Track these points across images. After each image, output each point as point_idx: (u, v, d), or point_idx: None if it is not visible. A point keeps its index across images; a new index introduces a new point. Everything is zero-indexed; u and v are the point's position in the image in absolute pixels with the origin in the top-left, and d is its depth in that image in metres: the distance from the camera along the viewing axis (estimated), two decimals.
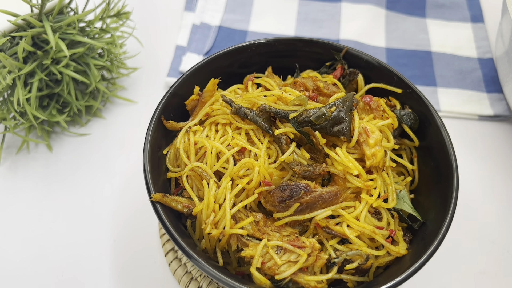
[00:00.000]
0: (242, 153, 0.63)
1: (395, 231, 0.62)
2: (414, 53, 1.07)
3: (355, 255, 0.59)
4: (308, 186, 0.59)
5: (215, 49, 1.06)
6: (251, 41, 0.75)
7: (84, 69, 0.85)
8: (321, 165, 0.62)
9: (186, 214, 0.62)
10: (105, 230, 0.79)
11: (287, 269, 0.56)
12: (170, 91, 0.69)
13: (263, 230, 0.60)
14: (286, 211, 0.60)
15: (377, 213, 0.63)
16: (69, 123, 0.92)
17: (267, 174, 0.61)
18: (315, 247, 0.57)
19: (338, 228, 0.60)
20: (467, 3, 1.17)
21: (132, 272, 0.75)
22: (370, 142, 0.61)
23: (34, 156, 0.88)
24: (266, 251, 0.57)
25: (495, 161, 0.90)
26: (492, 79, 1.02)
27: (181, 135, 0.68)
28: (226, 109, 0.67)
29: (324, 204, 0.60)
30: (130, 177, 0.85)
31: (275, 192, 0.60)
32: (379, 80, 0.74)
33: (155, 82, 1.00)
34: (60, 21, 0.81)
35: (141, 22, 1.06)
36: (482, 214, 0.83)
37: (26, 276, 0.74)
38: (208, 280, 0.72)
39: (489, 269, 0.77)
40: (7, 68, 0.76)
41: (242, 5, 1.15)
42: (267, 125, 0.63)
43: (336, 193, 0.60)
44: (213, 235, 0.58)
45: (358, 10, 1.14)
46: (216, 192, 0.61)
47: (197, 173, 0.63)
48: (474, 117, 0.97)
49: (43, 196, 0.83)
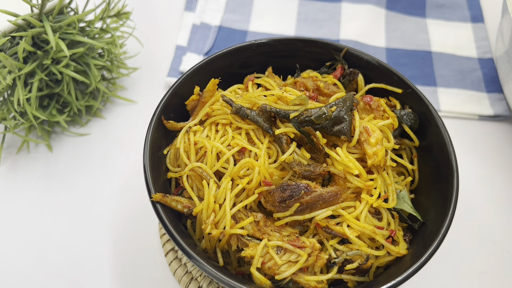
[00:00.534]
0: (242, 153, 0.63)
1: (395, 231, 0.62)
2: (414, 53, 1.07)
3: (355, 255, 0.59)
4: (308, 186, 0.59)
5: (215, 49, 1.06)
6: (251, 41, 0.75)
7: (84, 69, 0.85)
8: (322, 165, 0.62)
9: (186, 214, 0.62)
10: (105, 230, 0.79)
11: (287, 269, 0.56)
12: (170, 91, 0.69)
13: (263, 230, 0.60)
14: (286, 211, 0.60)
15: (377, 213, 0.63)
16: (69, 123, 0.92)
17: (267, 174, 0.61)
18: (315, 247, 0.58)
19: (338, 228, 0.60)
20: (467, 3, 1.17)
21: (132, 272, 0.75)
22: (371, 141, 0.61)
23: (34, 156, 0.88)
24: (266, 251, 0.57)
25: (495, 161, 0.91)
26: (492, 79, 1.02)
27: (181, 135, 0.68)
28: (226, 109, 0.67)
29: (324, 204, 0.60)
30: (130, 177, 0.86)
31: (275, 192, 0.60)
32: (379, 80, 0.74)
33: (155, 82, 1.00)
34: (60, 21, 0.81)
35: (141, 22, 1.06)
36: (482, 214, 0.83)
37: (26, 276, 0.74)
38: (208, 280, 0.72)
39: (489, 269, 0.77)
40: (7, 68, 0.76)
41: (242, 5, 1.15)
42: (267, 125, 0.63)
43: (336, 193, 0.60)
44: (213, 235, 0.58)
45: (358, 10, 1.14)
46: (216, 192, 0.61)
47: (197, 173, 0.63)
48: (474, 117, 0.97)
49: (43, 196, 0.83)
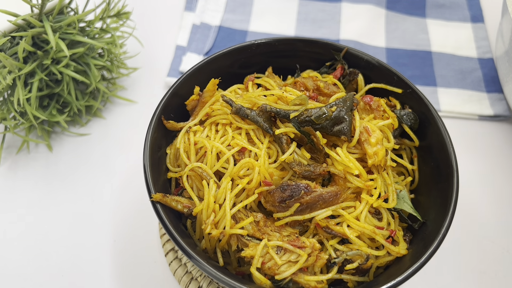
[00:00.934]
0: (243, 153, 0.63)
1: (395, 231, 0.62)
2: (414, 53, 1.07)
3: (355, 255, 0.59)
4: (308, 186, 0.59)
5: (215, 49, 1.06)
6: (251, 41, 0.75)
7: (84, 69, 0.85)
8: (322, 165, 0.62)
9: (186, 214, 0.62)
10: (105, 230, 0.79)
11: (287, 269, 0.56)
12: (170, 91, 0.69)
13: (263, 230, 0.60)
14: (286, 211, 0.60)
15: (378, 213, 0.63)
16: (69, 123, 0.92)
17: (267, 174, 0.61)
18: (315, 247, 0.58)
19: (338, 228, 0.60)
20: (467, 3, 1.17)
21: (132, 272, 0.75)
22: (372, 141, 0.61)
23: (34, 156, 0.88)
24: (266, 251, 0.57)
25: (495, 161, 0.90)
26: (492, 79, 1.02)
27: (181, 135, 0.68)
28: (227, 109, 0.67)
29: (324, 204, 0.60)
30: (130, 177, 0.85)
31: (275, 192, 0.60)
32: (379, 80, 0.74)
33: (155, 82, 1.00)
34: (60, 21, 0.81)
35: (141, 22, 1.06)
36: (482, 214, 0.83)
37: (26, 276, 0.74)
38: (208, 280, 0.72)
39: (489, 269, 0.77)
40: (7, 68, 0.76)
41: (242, 5, 1.15)
42: (267, 125, 0.63)
43: (336, 193, 0.60)
44: (213, 235, 0.58)
45: (358, 10, 1.14)
46: (216, 192, 0.61)
47: (197, 173, 0.63)
48: (474, 117, 0.97)
49: (43, 196, 0.83)
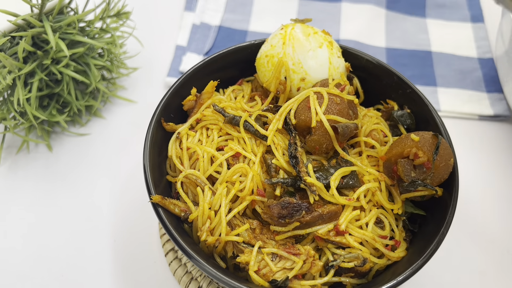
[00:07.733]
0: (237, 158, 0.63)
1: (400, 241, 0.62)
2: (414, 53, 1.07)
3: (352, 258, 0.59)
4: (309, 206, 0.58)
5: (215, 49, 1.06)
6: (251, 41, 0.75)
7: (84, 69, 0.85)
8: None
9: (183, 218, 0.61)
10: (105, 230, 0.79)
11: (282, 276, 0.56)
12: (170, 91, 0.69)
13: (259, 238, 0.59)
14: (284, 226, 0.59)
15: (379, 222, 0.63)
16: (69, 123, 0.92)
17: (261, 182, 0.60)
18: (310, 254, 0.57)
19: (339, 239, 0.59)
20: (467, 3, 1.17)
21: (132, 272, 0.75)
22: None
23: (34, 156, 0.88)
24: (261, 258, 0.57)
25: (495, 161, 0.90)
26: (492, 79, 1.02)
27: (171, 143, 0.68)
28: (218, 116, 0.67)
29: (324, 222, 0.59)
30: (130, 177, 0.85)
31: (274, 207, 0.58)
32: (379, 80, 0.74)
33: (155, 82, 1.00)
34: (60, 21, 0.81)
35: (141, 22, 1.06)
36: (482, 214, 0.83)
37: (26, 276, 0.74)
38: (208, 280, 0.72)
39: (489, 269, 0.77)
40: (7, 68, 0.76)
41: (242, 5, 1.15)
42: (261, 134, 0.63)
43: (336, 212, 0.59)
44: (209, 242, 0.58)
45: (358, 10, 1.14)
46: (212, 199, 0.60)
47: (191, 180, 0.63)
48: (474, 117, 0.97)
49: (43, 196, 0.83)
